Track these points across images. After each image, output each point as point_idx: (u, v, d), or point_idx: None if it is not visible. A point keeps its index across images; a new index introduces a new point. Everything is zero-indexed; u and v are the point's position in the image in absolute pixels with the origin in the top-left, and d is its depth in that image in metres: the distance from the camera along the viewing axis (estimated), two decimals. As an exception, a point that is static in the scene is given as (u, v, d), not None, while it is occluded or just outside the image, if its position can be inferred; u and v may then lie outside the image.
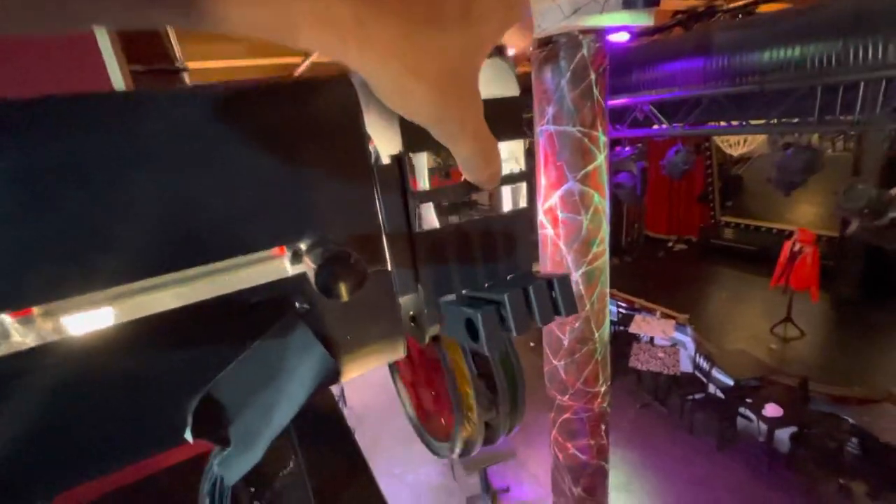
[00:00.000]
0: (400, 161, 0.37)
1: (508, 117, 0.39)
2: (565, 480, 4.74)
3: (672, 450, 5.88)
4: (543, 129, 3.91)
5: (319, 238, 0.32)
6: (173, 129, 0.28)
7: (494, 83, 0.38)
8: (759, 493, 5.12)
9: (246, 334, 0.32)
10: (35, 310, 0.27)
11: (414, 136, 0.35)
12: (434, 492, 5.69)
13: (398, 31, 0.17)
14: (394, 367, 0.63)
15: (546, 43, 3.70)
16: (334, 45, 0.17)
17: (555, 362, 4.40)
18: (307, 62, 5.25)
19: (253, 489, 1.13)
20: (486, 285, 0.41)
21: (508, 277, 0.42)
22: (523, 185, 0.42)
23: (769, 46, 4.07)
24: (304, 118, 0.32)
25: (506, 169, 0.41)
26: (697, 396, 6.02)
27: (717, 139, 10.00)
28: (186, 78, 3.75)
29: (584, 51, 3.60)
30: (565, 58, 3.63)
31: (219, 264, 0.30)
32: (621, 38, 5.44)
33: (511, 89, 0.39)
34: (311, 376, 0.34)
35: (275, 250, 0.33)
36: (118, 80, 1.21)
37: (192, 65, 4.57)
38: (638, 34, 5.81)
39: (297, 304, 0.34)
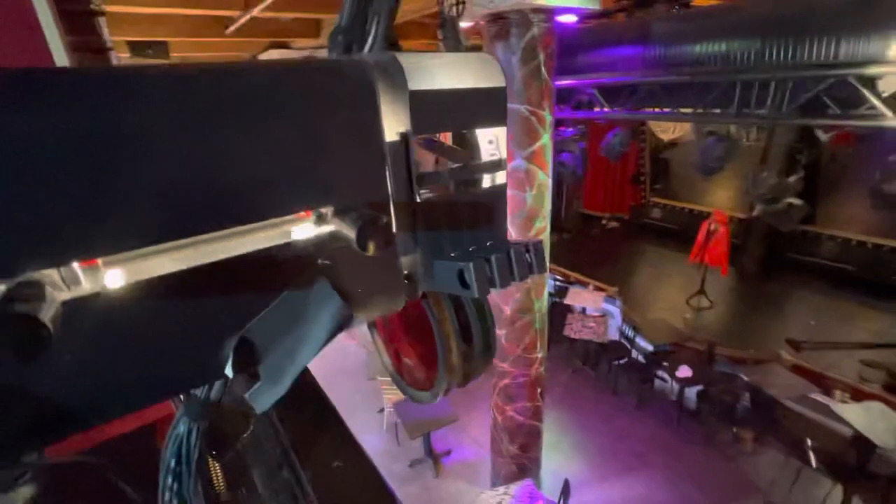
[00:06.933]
0: (406, 138, 0.42)
1: (493, 106, 0.45)
2: (503, 441, 5.09)
3: (597, 408, 6.49)
4: (493, 105, 3.98)
5: (343, 204, 0.37)
6: (216, 104, 0.31)
7: (482, 75, 0.44)
8: (669, 443, 5.84)
9: (275, 285, 0.37)
10: (99, 261, 0.30)
11: (421, 118, 0.40)
12: (378, 457, 5.87)
13: None
14: (372, 325, 0.69)
15: (497, 18, 3.72)
16: None
17: (497, 331, 4.64)
18: (246, 17, 4.87)
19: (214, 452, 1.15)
20: (471, 249, 0.48)
21: (488, 243, 0.50)
22: (502, 168, 0.49)
23: (700, 40, 4.39)
24: (327, 95, 0.36)
25: (487, 154, 0.47)
26: (622, 361, 6.66)
27: (652, 124, 10.66)
28: (103, 23, 3.37)
29: (535, 30, 3.67)
30: (516, 35, 3.69)
31: (254, 225, 0.35)
32: (569, 20, 5.56)
33: (497, 80, 0.45)
34: (329, 322, 0.39)
35: (300, 213, 0.37)
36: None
37: (111, 8, 4.10)
38: (584, 17, 5.97)
39: (318, 261, 0.39)
